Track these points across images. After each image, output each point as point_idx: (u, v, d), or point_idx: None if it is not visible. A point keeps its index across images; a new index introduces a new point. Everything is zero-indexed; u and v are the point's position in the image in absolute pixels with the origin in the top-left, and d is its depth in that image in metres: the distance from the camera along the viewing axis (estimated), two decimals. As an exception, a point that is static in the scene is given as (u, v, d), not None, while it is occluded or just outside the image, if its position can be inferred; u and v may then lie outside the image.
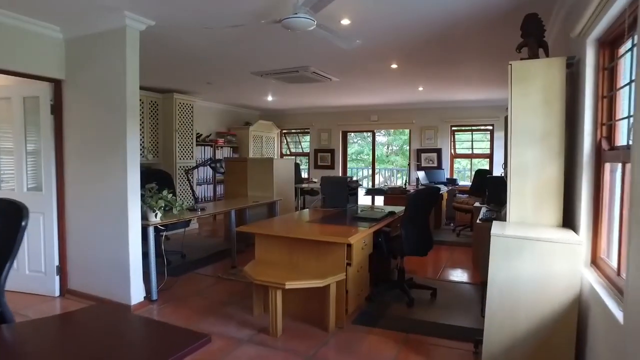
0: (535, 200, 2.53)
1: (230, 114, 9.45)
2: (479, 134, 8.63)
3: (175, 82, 6.42)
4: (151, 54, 4.63)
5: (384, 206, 5.23)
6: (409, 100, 8.29)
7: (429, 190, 3.77)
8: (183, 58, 4.86)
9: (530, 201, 2.54)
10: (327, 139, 9.84)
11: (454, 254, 5.66)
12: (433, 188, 3.81)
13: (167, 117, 7.13)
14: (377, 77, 5.96)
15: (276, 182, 6.07)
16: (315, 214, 4.26)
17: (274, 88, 6.91)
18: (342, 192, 4.54)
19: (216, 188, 8.41)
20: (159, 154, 7.17)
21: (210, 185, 8.34)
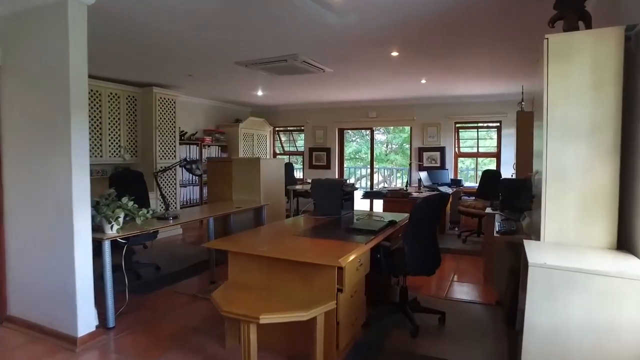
0: (579, 214, 1.94)
1: (219, 110, 8.86)
2: (485, 131, 8.04)
3: (154, 74, 5.82)
4: (118, 42, 4.04)
5: (383, 213, 4.65)
6: (410, 95, 7.69)
7: (436, 199, 3.17)
8: (154, 46, 4.27)
9: (572, 214, 1.96)
10: (322, 137, 9.24)
11: (461, 265, 5.08)
12: (441, 196, 3.22)
13: (146, 113, 6.53)
14: (375, 68, 5.36)
15: (264, 184, 5.48)
16: (304, 223, 3.67)
17: (263, 81, 6.31)
18: (336, 197, 3.95)
19: (203, 190, 7.81)
20: (137, 154, 6.57)
21: (197, 187, 7.75)
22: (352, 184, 4.23)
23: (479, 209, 6.11)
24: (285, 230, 3.41)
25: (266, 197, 5.51)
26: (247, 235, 3.26)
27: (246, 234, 3.31)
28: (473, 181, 8.42)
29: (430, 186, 6.80)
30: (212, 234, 4.27)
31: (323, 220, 3.74)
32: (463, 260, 5.27)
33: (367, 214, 4.06)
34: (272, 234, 3.22)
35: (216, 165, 5.81)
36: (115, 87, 6.13)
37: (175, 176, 6.89)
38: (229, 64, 5.04)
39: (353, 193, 4.25)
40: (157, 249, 5.71)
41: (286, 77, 5.89)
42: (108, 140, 6.09)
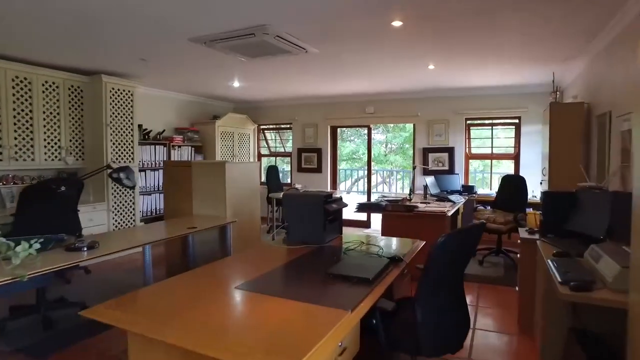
0: None
1: (195, 106, 7.71)
2: (501, 129, 6.91)
3: (99, 59, 4.68)
4: (44, 18, 2.92)
5: (381, 237, 3.53)
6: (414, 87, 6.55)
7: (468, 235, 2.02)
8: (85, 20, 3.13)
9: None
10: (312, 136, 8.10)
11: (483, 299, 3.95)
12: (475, 229, 2.07)
13: (95, 107, 5.39)
14: (372, 48, 4.23)
15: (231, 195, 4.34)
16: (268, 258, 2.53)
17: (236, 68, 5.17)
18: (316, 219, 2.82)
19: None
20: (84, 156, 5.42)
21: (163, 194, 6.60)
22: (339, 198, 3.09)
23: (499, 223, 4.97)
24: (234, 273, 2.27)
25: (234, 212, 4.37)
26: (167, 287, 2.09)
27: (168, 285, 2.13)
28: (487, 187, 7.28)
29: (438, 195, 5.66)
30: (149, 267, 3.13)
31: (297, 253, 2.60)
32: (484, 292, 4.13)
33: (360, 241, 2.92)
34: (206, 284, 2.06)
35: (173, 170, 4.67)
36: (52, 75, 4.98)
37: (133, 183, 5.74)
38: (181, 41, 3.90)
39: (340, 211, 3.11)
40: (102, 275, 4.58)
41: (262, 63, 4.76)
42: (43, 140, 4.94)
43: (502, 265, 5.06)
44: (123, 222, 5.63)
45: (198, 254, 4.46)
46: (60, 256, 2.63)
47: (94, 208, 5.21)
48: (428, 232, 4.28)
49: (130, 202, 5.70)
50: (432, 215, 4.30)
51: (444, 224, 4.29)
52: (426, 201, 5.36)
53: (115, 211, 5.51)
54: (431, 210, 4.38)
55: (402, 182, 12.68)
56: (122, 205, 5.60)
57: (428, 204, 5.03)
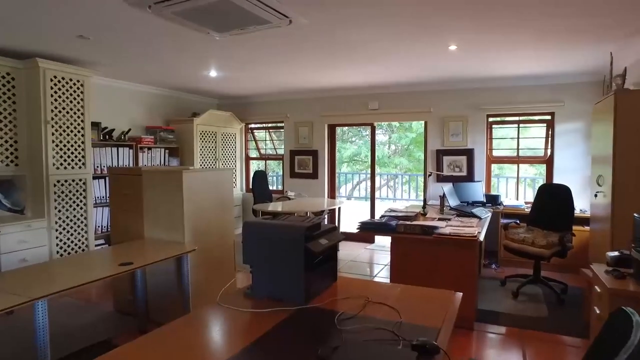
0: None
1: (170, 102, 6.65)
2: (529, 127, 5.84)
3: (27, 35, 3.63)
4: None
5: (394, 287, 2.48)
6: (427, 77, 5.49)
7: None
8: None
9: None
10: (307, 136, 7.03)
11: (533, 356, 2.87)
12: None
13: (32, 99, 4.33)
14: (375, 15, 3.17)
15: (192, 213, 3.28)
16: (214, 336, 1.49)
17: (206, 50, 4.12)
18: (293, 265, 1.76)
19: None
20: (18, 161, 4.36)
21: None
22: (332, 228, 2.02)
23: (540, 246, 3.90)
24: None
25: (197, 236, 3.31)
26: None
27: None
28: (513, 197, 6.21)
29: (458, 208, 4.59)
30: (43, 333, 2.06)
31: (263, 322, 1.55)
32: (531, 345, 3.05)
33: (365, 299, 1.85)
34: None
35: (120, 180, 3.61)
36: (-28, 58, 3.93)
37: (85, 190, 4.69)
38: (117, 4, 2.84)
39: (335, 249, 2.04)
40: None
41: (238, 43, 3.71)
42: (-40, 141, 3.89)
43: (542, 298, 3.98)
44: (71, 243, 4.56)
45: (150, 291, 3.41)
46: None
47: (28, 226, 4.15)
48: (453, 264, 3.22)
49: (80, 218, 4.64)
50: (458, 240, 3.23)
51: (473, 253, 3.22)
52: (445, 216, 4.29)
53: (60, 229, 4.45)
54: (457, 233, 3.32)
55: (407, 186, 11.61)
56: (70, 222, 4.54)
57: (448, 221, 3.96)
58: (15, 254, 3.98)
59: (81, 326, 3.43)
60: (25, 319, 3.22)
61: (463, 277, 3.20)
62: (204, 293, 3.29)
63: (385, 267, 5.31)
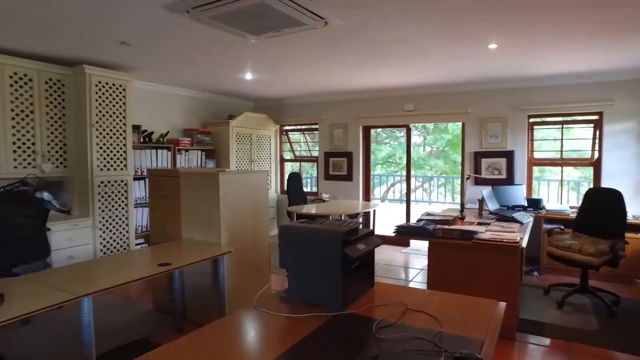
0: None
1: (207, 104, 6.79)
2: (574, 128, 5.57)
3: (76, 44, 3.79)
4: None
5: (432, 294, 2.41)
6: (466, 77, 5.34)
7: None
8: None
9: None
10: (342, 138, 7.00)
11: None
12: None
13: (79, 104, 4.53)
14: (413, 18, 3.10)
15: (228, 215, 3.32)
16: (249, 338, 1.49)
17: (242, 53, 4.17)
18: (331, 270, 1.73)
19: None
20: (66, 163, 4.56)
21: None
22: (369, 232, 1.99)
23: (588, 254, 3.70)
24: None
25: (232, 237, 3.34)
26: None
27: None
28: (556, 201, 5.94)
29: (498, 212, 4.43)
30: (88, 326, 2.13)
31: (300, 328, 1.53)
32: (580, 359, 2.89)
33: (403, 306, 1.79)
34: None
35: (159, 182, 3.71)
36: (23, 65, 4.13)
37: (127, 191, 4.85)
38: (156, 11, 2.92)
39: (372, 254, 2.00)
40: (44, 323, 3.51)
41: (273, 46, 3.73)
42: (12, 144, 4.10)
43: (590, 309, 3.77)
44: (114, 242, 4.73)
45: (188, 291, 3.47)
46: None
47: (75, 225, 4.33)
48: (493, 270, 3.11)
49: (122, 218, 4.80)
50: (498, 246, 3.11)
51: (515, 260, 3.09)
52: (484, 221, 4.15)
53: (103, 228, 4.62)
54: (497, 238, 3.19)
55: (443, 189, 11.36)
56: (112, 222, 4.71)
57: (488, 226, 3.83)
58: (64, 251, 4.18)
59: (122, 323, 3.53)
60: (71, 314, 3.35)
61: (503, 285, 3.07)
62: (239, 294, 3.32)
63: (421, 272, 5.20)
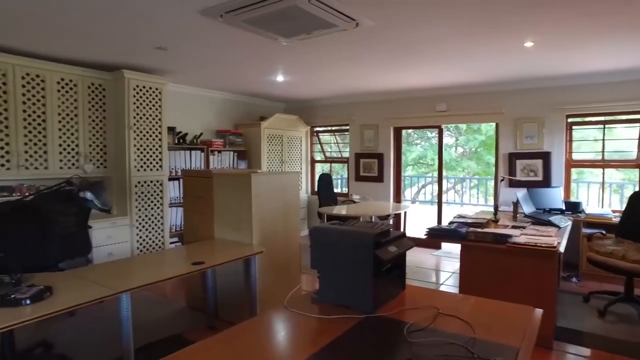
0: None
1: (239, 106, 6.91)
2: (617, 127, 5.34)
3: (115, 50, 3.94)
4: None
5: (464, 298, 2.37)
6: (500, 76, 5.21)
7: None
8: None
9: None
10: (372, 139, 6.96)
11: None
12: None
13: (118, 107, 4.71)
14: (445, 17, 3.06)
15: (259, 215, 3.37)
16: (281, 339, 1.51)
17: (273, 55, 4.22)
18: (362, 271, 1.74)
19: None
20: (106, 163, 4.75)
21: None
22: (401, 234, 1.98)
23: (633, 260, 3.53)
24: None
25: (264, 237, 3.39)
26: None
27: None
28: (596, 204, 5.71)
29: (534, 215, 4.30)
30: (127, 321, 2.22)
31: (330, 329, 1.54)
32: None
33: (435, 310, 1.77)
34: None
35: (192, 182, 3.80)
36: (69, 71, 4.34)
37: (162, 191, 5.01)
38: (194, 18, 3.00)
39: (403, 257, 1.99)
40: (87, 314, 3.65)
41: (304, 48, 3.77)
42: (58, 146, 4.31)
43: (636, 319, 3.59)
44: (149, 240, 4.89)
45: (220, 290, 3.55)
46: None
47: (113, 223, 4.51)
48: (528, 275, 3.02)
49: (157, 217, 4.96)
50: (534, 250, 3.02)
51: (552, 265, 2.98)
52: (519, 224, 4.03)
53: (140, 227, 4.78)
54: (533, 242, 3.10)
55: (475, 190, 11.11)
56: (148, 221, 4.87)
57: (523, 229, 3.72)
58: (104, 248, 4.36)
59: (157, 319, 3.65)
60: (109, 308, 3.49)
61: (539, 291, 2.98)
62: (270, 294, 3.36)
63: (452, 275, 5.11)
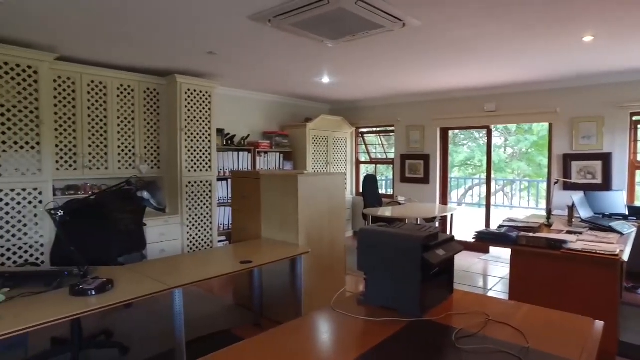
0: None
1: (285, 108, 7.02)
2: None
3: (168, 56, 4.14)
4: None
5: (515, 306, 2.30)
6: (554, 73, 4.98)
7: None
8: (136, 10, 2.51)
9: None
10: (418, 140, 6.85)
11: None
12: None
13: (171, 110, 4.93)
14: (495, 14, 2.96)
15: (305, 216, 3.42)
16: (331, 340, 1.53)
17: (319, 57, 4.27)
18: (409, 275, 1.72)
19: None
20: (159, 164, 4.99)
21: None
22: (450, 238, 1.94)
23: None
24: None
25: (309, 238, 3.44)
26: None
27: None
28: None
29: (592, 220, 4.06)
30: (179, 316, 2.32)
31: (376, 332, 1.55)
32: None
33: (484, 316, 1.72)
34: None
35: (240, 183, 3.91)
36: (127, 77, 4.61)
37: (211, 191, 5.19)
38: (243, 23, 3.09)
39: (452, 261, 1.95)
40: (143, 305, 3.87)
41: (350, 49, 3.78)
42: (117, 147, 4.58)
43: None
44: (199, 238, 5.09)
45: (265, 289, 3.63)
46: (53, 304, 1.94)
47: (165, 222, 4.73)
48: (586, 285, 2.86)
49: (206, 216, 5.14)
50: (593, 257, 2.85)
51: (614, 274, 2.81)
52: (574, 229, 3.83)
53: (190, 225, 4.98)
54: (591, 249, 2.93)
55: (526, 193, 10.64)
56: (198, 219, 5.06)
57: (579, 235, 3.52)
58: (157, 245, 4.58)
59: (206, 315, 3.78)
60: (160, 302, 3.66)
61: (599, 302, 2.81)
62: (314, 295, 3.40)
63: (501, 281, 4.93)
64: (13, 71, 3.62)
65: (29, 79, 3.71)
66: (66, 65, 4.14)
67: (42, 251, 3.81)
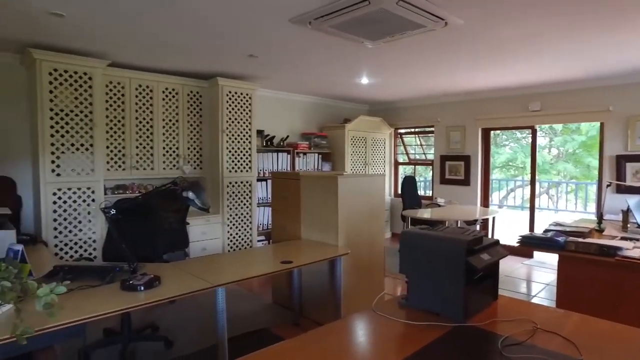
0: None
1: (323, 109, 7.05)
2: None
3: (210, 59, 4.26)
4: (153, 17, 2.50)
5: (564, 314, 2.21)
6: (605, 70, 4.73)
7: None
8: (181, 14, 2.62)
9: None
10: (459, 141, 6.70)
11: None
12: None
13: (213, 112, 5.07)
14: (541, 10, 2.85)
15: (345, 217, 3.42)
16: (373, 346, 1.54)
17: (358, 58, 4.26)
18: (453, 279, 1.70)
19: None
20: (202, 165, 5.14)
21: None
22: (494, 242, 1.89)
23: None
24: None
25: (349, 239, 3.44)
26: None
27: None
28: None
29: (648, 225, 3.83)
30: (222, 314, 2.39)
31: (418, 337, 1.53)
32: None
33: (532, 324, 1.67)
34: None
35: (280, 183, 3.97)
36: (172, 81, 4.78)
37: (251, 192, 5.29)
38: (284, 26, 3.14)
39: (496, 266, 1.90)
40: (186, 301, 3.98)
41: (390, 49, 3.75)
42: (162, 149, 4.77)
43: None
44: (239, 237, 5.20)
45: (305, 289, 3.66)
46: (106, 297, 2.04)
47: (207, 221, 4.86)
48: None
49: (246, 216, 5.25)
50: (650, 265, 2.69)
51: (674, 283, 2.64)
52: (630, 235, 3.62)
53: (230, 225, 5.11)
54: (647, 255, 2.77)
55: (573, 196, 10.17)
56: (238, 219, 5.18)
57: (636, 242, 3.33)
58: (199, 243, 4.72)
59: (247, 312, 3.86)
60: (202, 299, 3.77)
61: (657, 312, 2.65)
62: (353, 296, 3.40)
63: (546, 287, 4.74)
64: (71, 78, 3.85)
65: (85, 84, 3.93)
66: (117, 70, 4.35)
67: (95, 247, 4.02)
